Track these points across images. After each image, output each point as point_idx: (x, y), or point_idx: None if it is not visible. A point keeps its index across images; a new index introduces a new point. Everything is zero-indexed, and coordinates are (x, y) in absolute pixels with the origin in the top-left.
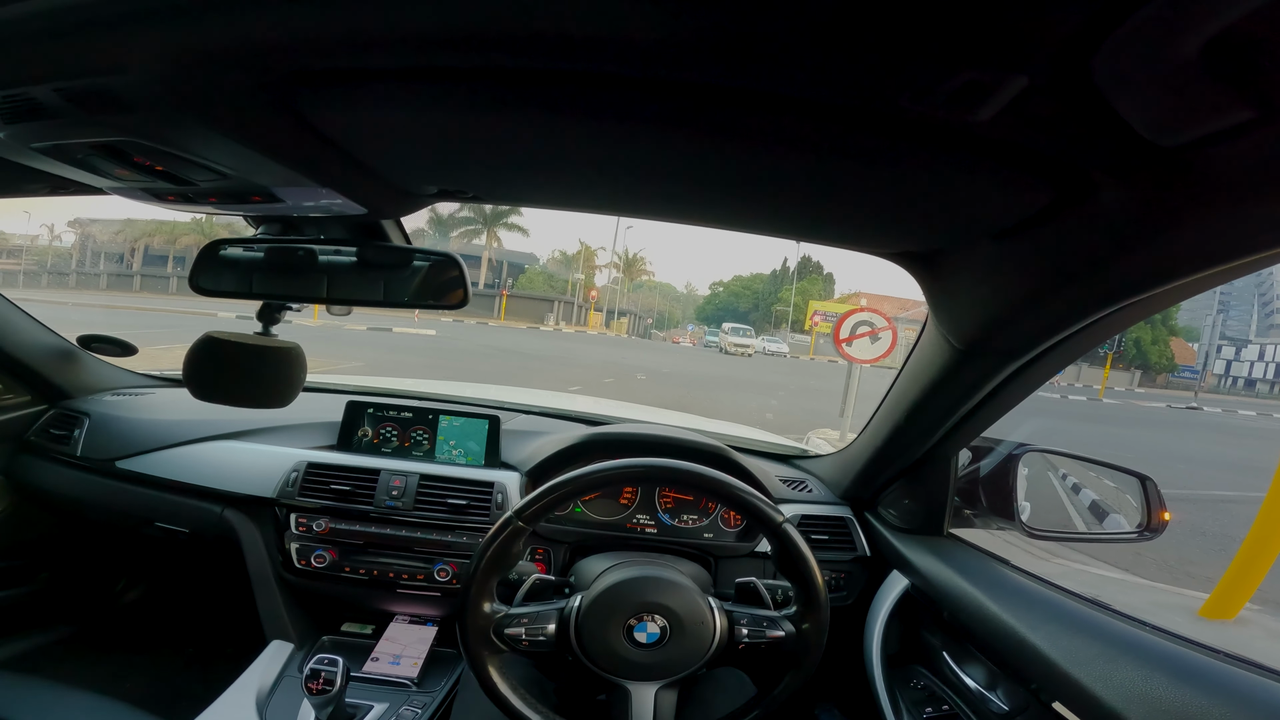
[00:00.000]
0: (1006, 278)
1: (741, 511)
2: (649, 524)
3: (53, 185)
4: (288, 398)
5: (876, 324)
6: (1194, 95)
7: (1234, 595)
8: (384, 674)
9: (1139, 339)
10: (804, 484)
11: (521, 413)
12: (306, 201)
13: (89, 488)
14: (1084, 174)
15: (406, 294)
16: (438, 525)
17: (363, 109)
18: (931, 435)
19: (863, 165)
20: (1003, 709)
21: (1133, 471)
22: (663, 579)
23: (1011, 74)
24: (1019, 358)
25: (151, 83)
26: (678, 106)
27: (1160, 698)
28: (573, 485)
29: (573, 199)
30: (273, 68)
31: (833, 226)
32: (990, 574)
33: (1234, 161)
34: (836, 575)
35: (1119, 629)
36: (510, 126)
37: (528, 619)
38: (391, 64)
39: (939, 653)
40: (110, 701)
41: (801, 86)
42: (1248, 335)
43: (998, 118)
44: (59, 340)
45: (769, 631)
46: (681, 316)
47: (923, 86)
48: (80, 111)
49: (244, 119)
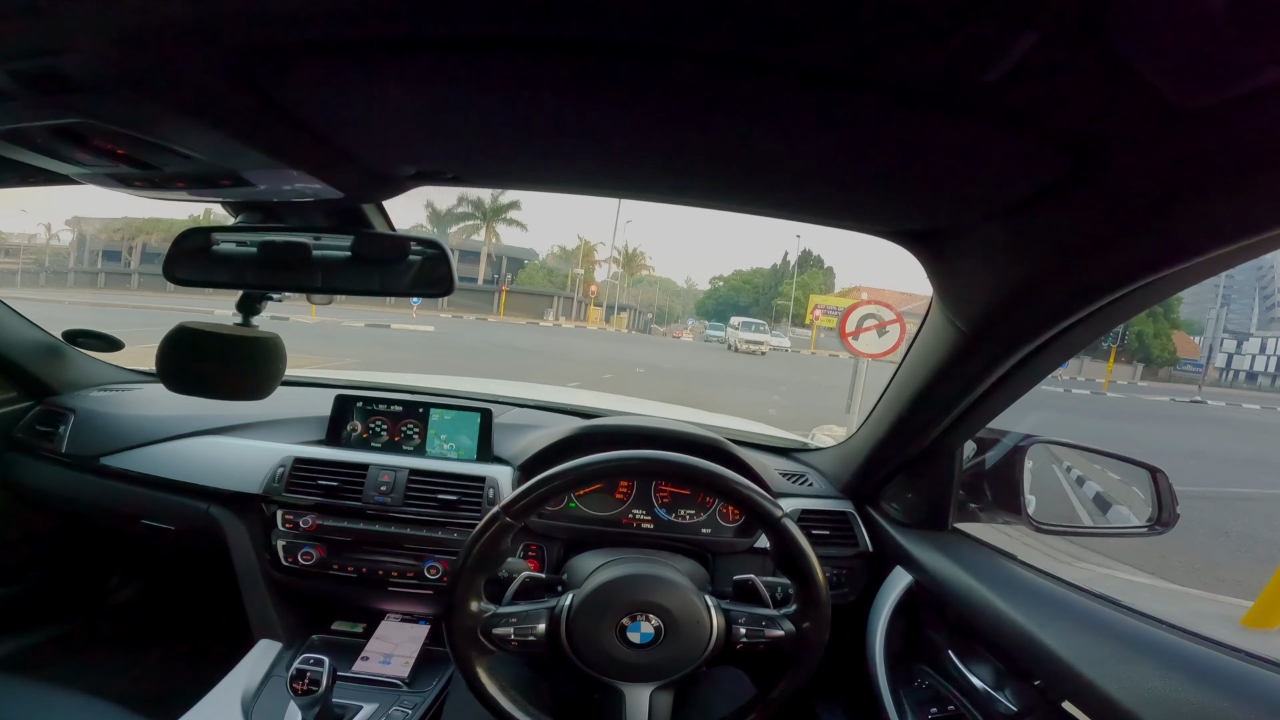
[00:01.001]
0: (1017, 257)
1: (739, 506)
2: (645, 519)
3: (23, 175)
4: (265, 390)
5: (884, 317)
6: (1220, 53)
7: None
8: (374, 673)
9: (1142, 332)
10: (804, 478)
11: (515, 406)
12: (281, 185)
13: (74, 485)
14: (1100, 141)
15: (393, 283)
16: (428, 521)
17: (329, 86)
18: (935, 426)
19: (860, 136)
20: (1010, 709)
21: (1143, 464)
22: (657, 577)
23: (1020, 29)
24: (1029, 343)
25: (99, 60)
26: (664, 75)
27: (1180, 699)
28: (563, 479)
29: (557, 178)
30: (226, 42)
31: (830, 203)
32: (996, 570)
33: (1265, 126)
34: (838, 572)
35: (1133, 626)
36: (486, 100)
37: (517, 618)
38: (355, 35)
39: (944, 651)
40: (99, 701)
41: (793, 47)
42: (1249, 328)
43: (1006, 80)
44: (44, 336)
45: (768, 631)
46: (681, 311)
47: (923, 44)
48: (33, 93)
49: (201, 97)
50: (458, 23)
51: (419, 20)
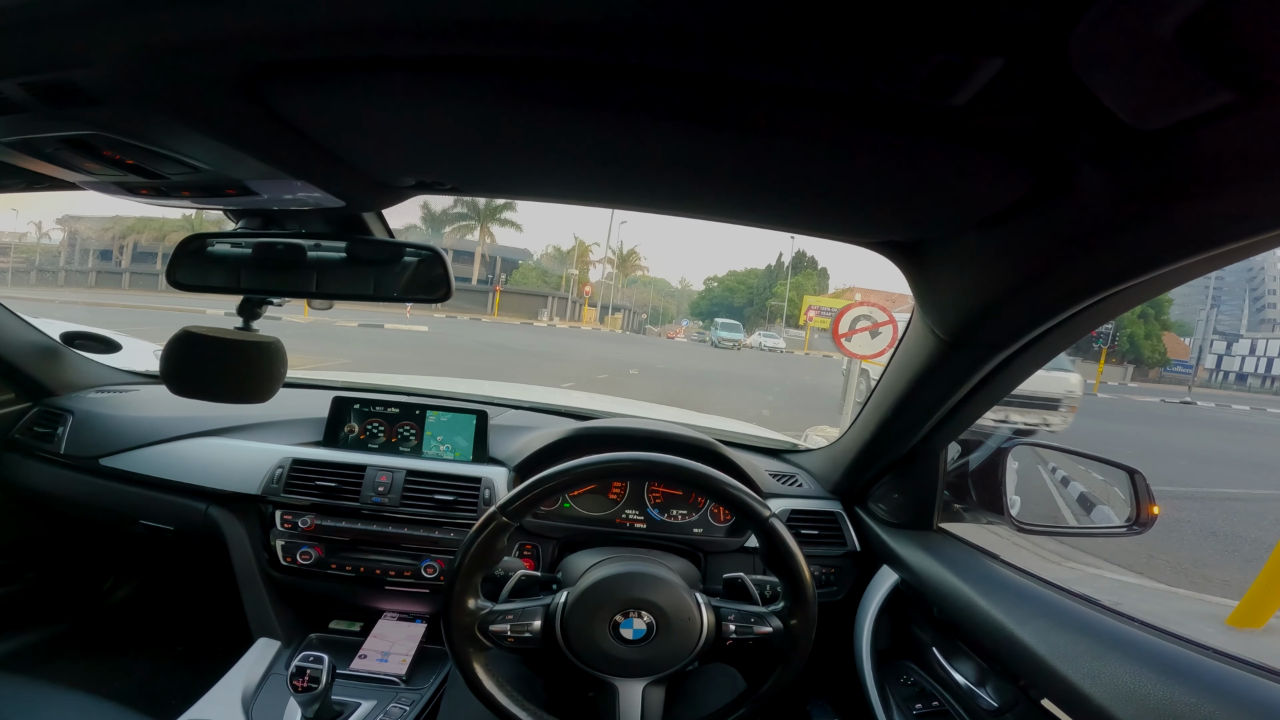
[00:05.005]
0: (991, 267)
1: (728, 506)
2: (638, 519)
3: (28, 180)
4: (267, 393)
5: (877, 318)
6: (1172, 77)
7: (1263, 604)
8: (372, 671)
9: (1132, 334)
10: (794, 479)
11: (510, 408)
12: (283, 194)
13: (73, 485)
14: (1065, 160)
15: (390, 288)
16: (425, 521)
17: (333, 100)
18: (919, 429)
19: (841, 153)
20: (992, 705)
21: (1121, 465)
22: (649, 575)
23: (986, 56)
24: (1005, 349)
25: (114, 75)
26: (654, 94)
27: (1149, 695)
28: (557, 480)
29: (551, 189)
30: (237, 60)
31: (814, 216)
32: (979, 569)
33: (1217, 146)
34: (826, 571)
35: (1108, 625)
36: (484, 116)
37: (513, 615)
38: (359, 53)
39: (929, 648)
40: (98, 701)
41: (775, 71)
42: (1239, 330)
43: (975, 102)
44: (42, 337)
45: (757, 627)
46: (676, 312)
47: (897, 70)
48: (46, 105)
49: (211, 111)
50: (455, 43)
51: (420, 40)
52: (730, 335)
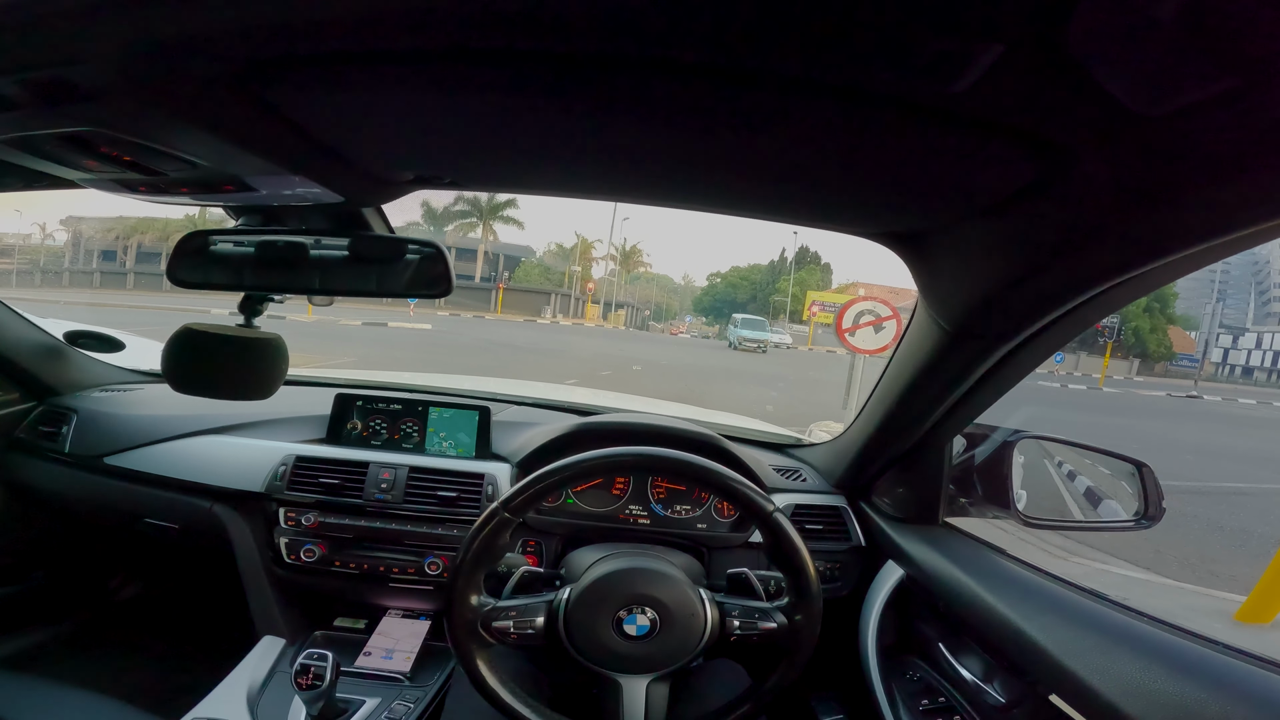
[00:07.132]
0: (994, 256)
1: (732, 501)
2: (642, 515)
3: (26, 179)
4: (268, 390)
5: (880, 313)
6: (1174, 63)
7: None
8: (376, 668)
9: (1138, 328)
10: (798, 473)
11: (513, 404)
12: (282, 190)
13: (78, 484)
14: (1067, 147)
15: (392, 284)
16: (428, 518)
17: (330, 94)
18: (924, 422)
19: (842, 142)
20: (999, 701)
21: (1129, 458)
22: (652, 570)
23: (986, 42)
24: (1010, 340)
25: (110, 72)
26: (653, 85)
27: (1159, 690)
28: (559, 475)
29: (551, 182)
30: (233, 55)
31: (815, 207)
32: (985, 564)
33: (1220, 132)
34: (831, 566)
35: (1116, 620)
36: (483, 109)
37: (516, 612)
38: (356, 47)
39: (935, 644)
40: (105, 699)
41: (775, 61)
42: (1245, 323)
43: (976, 89)
44: (46, 337)
45: (761, 623)
46: (679, 308)
47: (896, 56)
48: (42, 102)
49: (208, 107)
50: (453, 35)
51: (417, 33)
52: (754, 335)
